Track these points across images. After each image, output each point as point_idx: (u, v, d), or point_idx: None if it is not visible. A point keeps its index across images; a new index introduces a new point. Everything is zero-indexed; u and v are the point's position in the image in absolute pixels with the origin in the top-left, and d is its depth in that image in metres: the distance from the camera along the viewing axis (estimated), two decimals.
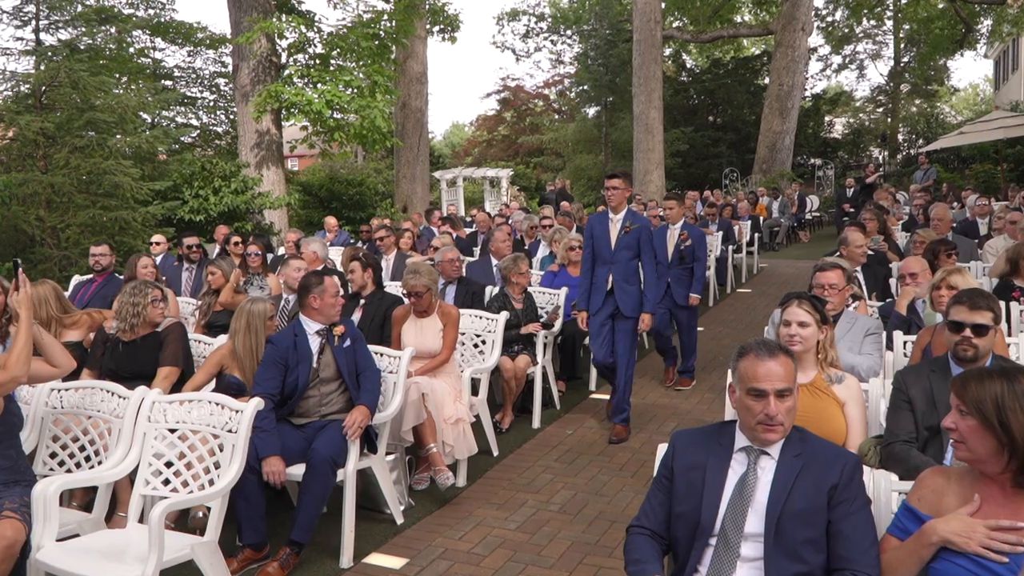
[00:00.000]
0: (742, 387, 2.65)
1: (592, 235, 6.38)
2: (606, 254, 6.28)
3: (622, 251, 6.23)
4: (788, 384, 2.61)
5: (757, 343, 2.73)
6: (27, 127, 12.81)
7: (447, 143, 50.84)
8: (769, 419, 2.56)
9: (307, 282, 4.76)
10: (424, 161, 21.33)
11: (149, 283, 5.39)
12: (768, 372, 2.61)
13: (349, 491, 4.43)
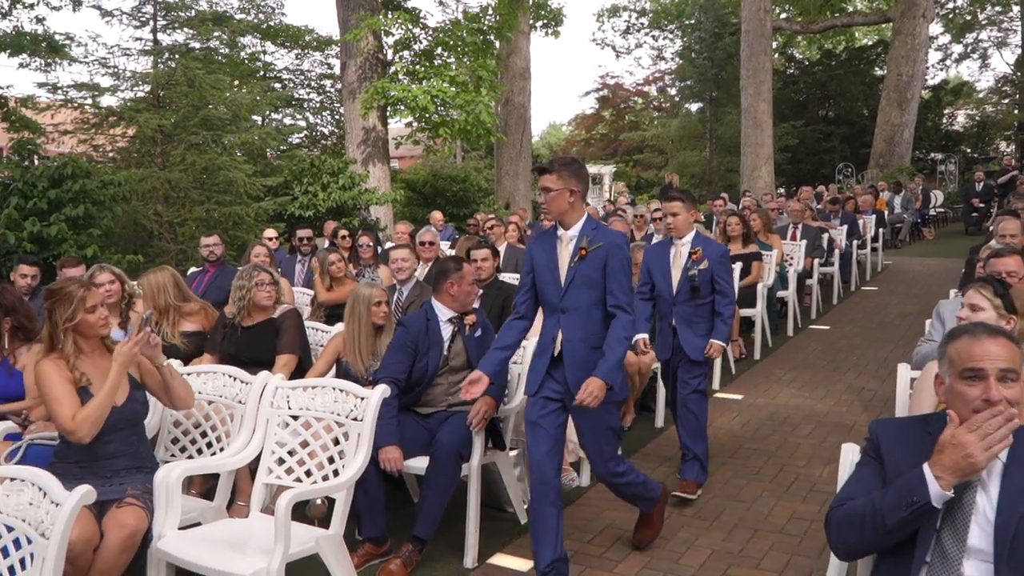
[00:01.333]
0: (953, 371, 2.24)
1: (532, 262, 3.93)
2: (550, 293, 3.80)
3: (578, 289, 3.71)
4: (1012, 365, 2.18)
5: (971, 324, 2.33)
6: (146, 125, 13.19)
7: (544, 143, 50.65)
8: (990, 405, 2.13)
9: (445, 267, 4.54)
10: (527, 157, 21.11)
11: (257, 267, 5.32)
12: (986, 351, 2.19)
13: (474, 486, 4.19)
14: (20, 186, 11.09)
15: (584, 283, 3.69)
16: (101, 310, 3.51)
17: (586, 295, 3.68)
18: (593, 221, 3.77)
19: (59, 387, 3.34)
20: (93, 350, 3.54)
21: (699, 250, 4.95)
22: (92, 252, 10.22)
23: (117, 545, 3.13)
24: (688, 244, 4.99)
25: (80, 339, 3.48)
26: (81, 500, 2.50)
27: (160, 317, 5.26)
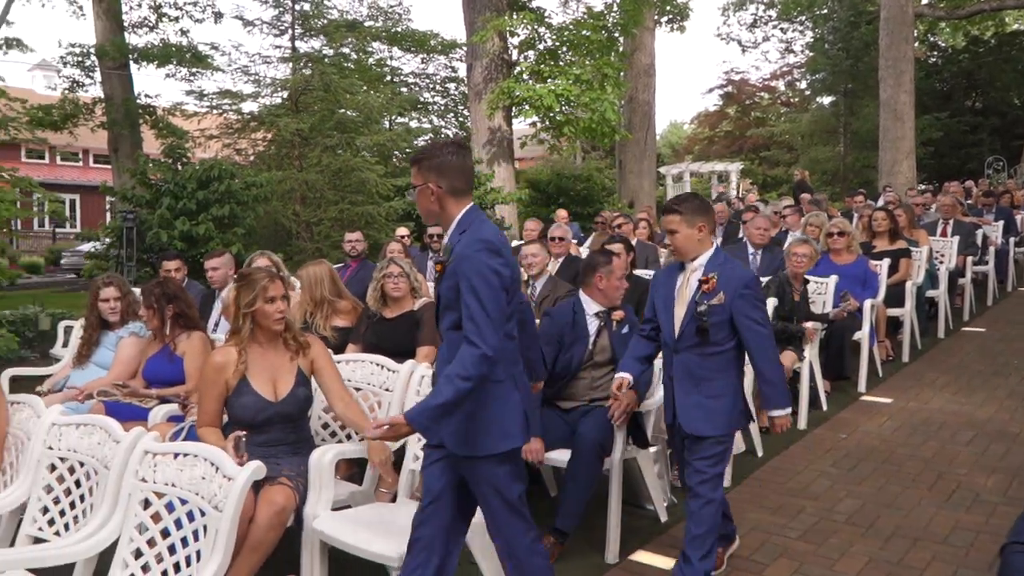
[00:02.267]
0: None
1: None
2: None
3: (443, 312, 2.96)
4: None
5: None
6: (285, 128, 13.76)
7: (665, 142, 49.92)
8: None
9: (594, 261, 4.50)
10: (651, 156, 20.84)
11: (390, 260, 5.44)
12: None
13: (615, 481, 4.12)
14: (171, 188, 11.78)
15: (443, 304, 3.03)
16: (281, 303, 3.61)
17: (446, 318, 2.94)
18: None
19: (207, 392, 3.56)
20: (268, 341, 3.65)
21: (712, 277, 3.44)
22: (236, 250, 10.72)
23: (266, 522, 3.22)
24: (700, 270, 3.51)
25: (257, 328, 3.61)
26: (252, 475, 2.60)
27: (315, 308, 5.44)
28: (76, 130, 19.74)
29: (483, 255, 2.73)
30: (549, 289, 6.30)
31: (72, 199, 31.67)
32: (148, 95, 20.41)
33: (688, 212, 3.47)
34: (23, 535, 3.23)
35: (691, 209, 3.49)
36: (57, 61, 20.59)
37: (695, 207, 3.51)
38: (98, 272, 12.20)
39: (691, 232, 3.46)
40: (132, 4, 19.52)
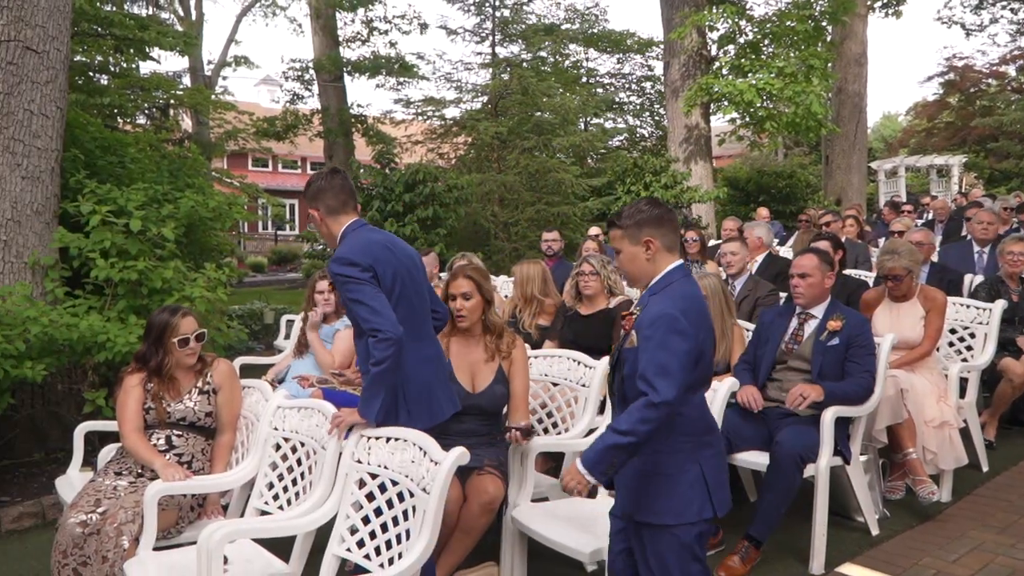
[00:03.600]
0: None
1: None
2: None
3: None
4: None
5: None
6: (484, 132, 14.19)
7: (877, 136, 46.82)
8: None
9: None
10: (861, 149, 19.59)
11: (584, 258, 5.48)
12: None
13: (821, 491, 3.93)
14: (381, 191, 12.49)
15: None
16: (460, 301, 3.76)
17: None
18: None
19: None
20: (468, 336, 3.82)
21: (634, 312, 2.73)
22: (439, 249, 11.19)
23: (478, 509, 3.36)
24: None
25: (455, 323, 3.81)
26: (457, 460, 2.71)
27: (524, 305, 5.59)
28: (296, 139, 21.41)
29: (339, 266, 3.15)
30: (749, 288, 6.11)
31: (291, 203, 34.27)
32: (360, 105, 21.80)
33: (630, 225, 2.68)
34: (251, 508, 3.54)
35: (635, 221, 2.67)
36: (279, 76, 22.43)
37: (641, 219, 2.67)
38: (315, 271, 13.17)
39: (635, 250, 2.68)
40: (346, 20, 20.90)
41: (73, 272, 5.90)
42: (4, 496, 4.89)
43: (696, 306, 2.59)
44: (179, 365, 3.77)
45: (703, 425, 2.67)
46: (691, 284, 2.66)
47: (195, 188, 7.53)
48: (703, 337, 2.57)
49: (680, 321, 2.49)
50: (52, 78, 5.86)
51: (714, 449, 2.68)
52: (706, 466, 2.61)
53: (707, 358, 2.62)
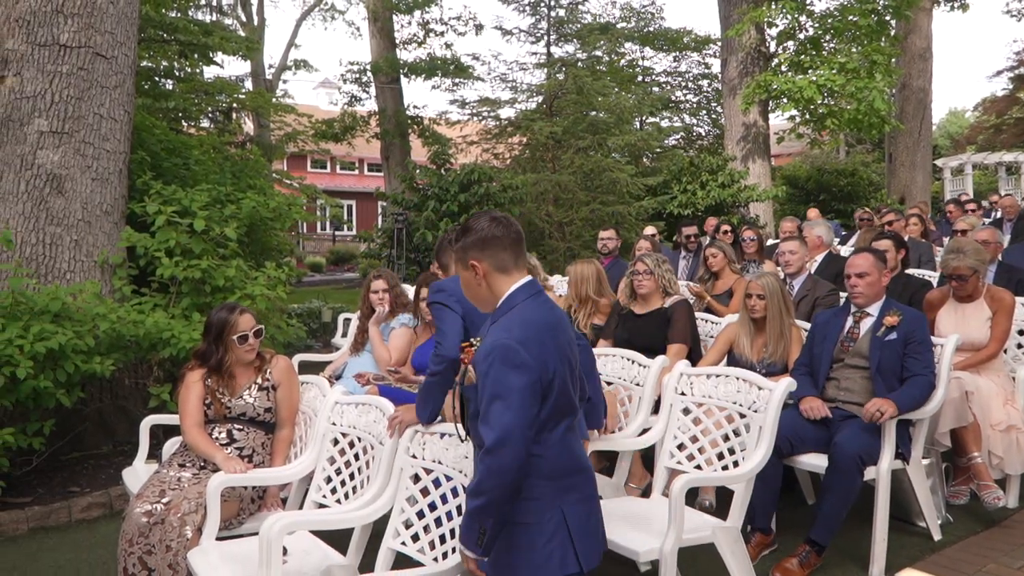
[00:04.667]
0: None
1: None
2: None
3: None
4: None
5: None
6: (539, 132, 14.21)
7: (943, 132, 45.54)
8: None
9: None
10: (926, 146, 19.08)
11: (639, 257, 5.47)
12: None
13: (882, 494, 3.84)
14: (436, 191, 12.60)
15: None
16: None
17: None
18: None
19: None
20: None
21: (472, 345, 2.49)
22: None
23: None
24: None
25: None
26: None
27: (579, 306, 5.60)
28: (353, 141, 21.71)
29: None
30: (808, 288, 6.01)
31: (349, 204, 34.75)
32: (416, 106, 22.01)
33: (457, 248, 2.49)
34: (309, 501, 3.61)
35: (460, 244, 2.47)
36: (338, 79, 22.77)
37: (465, 241, 2.43)
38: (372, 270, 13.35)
39: (467, 275, 2.46)
40: (403, 22, 21.12)
41: (139, 270, 6.09)
42: (74, 487, 5.07)
43: (539, 333, 2.27)
44: (238, 361, 3.86)
45: (566, 466, 2.31)
46: (537, 306, 2.33)
47: (256, 189, 7.72)
48: (553, 367, 2.25)
49: (517, 353, 2.20)
50: (120, 83, 6.06)
51: (581, 493, 2.34)
52: (570, 513, 2.29)
53: (560, 389, 2.28)
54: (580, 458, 2.38)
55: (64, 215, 5.71)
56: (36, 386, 4.65)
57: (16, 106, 5.69)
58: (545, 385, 2.24)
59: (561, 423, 2.31)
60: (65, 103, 5.75)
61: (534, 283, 2.38)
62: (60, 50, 5.75)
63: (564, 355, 2.31)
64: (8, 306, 4.86)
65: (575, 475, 2.34)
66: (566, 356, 2.32)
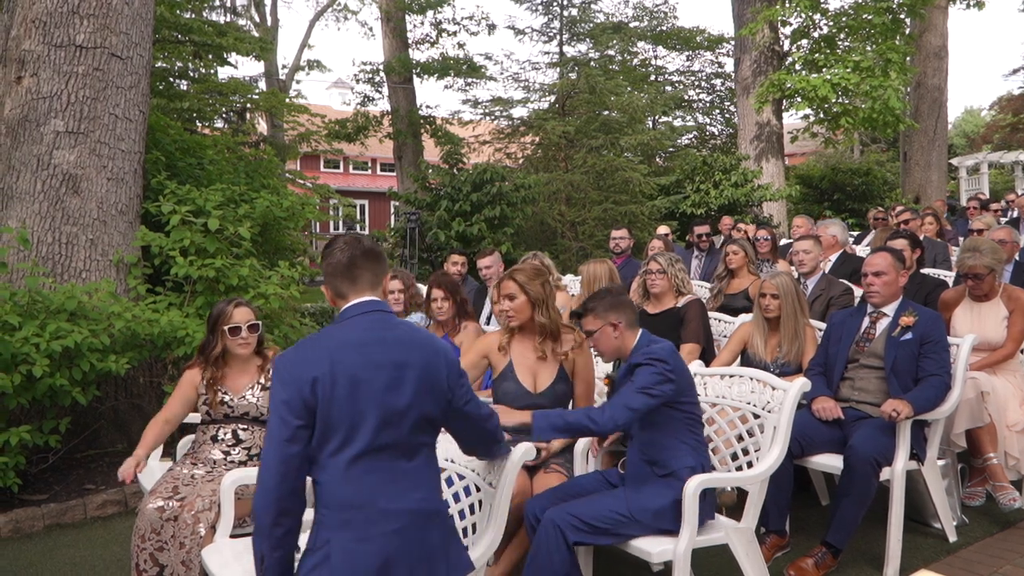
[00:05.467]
0: None
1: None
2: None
3: None
4: None
5: None
6: (552, 132, 14.21)
7: (959, 131, 45.24)
8: None
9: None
10: (941, 145, 18.95)
11: (652, 256, 5.46)
12: None
13: (897, 495, 3.82)
14: (449, 191, 12.62)
15: None
16: (505, 303, 3.77)
17: None
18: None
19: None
20: (531, 336, 3.81)
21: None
22: (506, 249, 11.25)
23: None
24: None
25: None
26: (523, 456, 2.73)
27: None
28: (366, 141, 21.75)
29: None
30: (822, 288, 5.98)
31: (362, 204, 34.81)
32: (429, 106, 22.06)
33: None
34: None
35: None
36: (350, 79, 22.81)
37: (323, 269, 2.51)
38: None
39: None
40: (416, 22, 21.14)
41: (154, 270, 6.13)
42: (89, 484, 5.11)
43: (307, 352, 2.20)
44: (232, 354, 3.85)
45: (346, 499, 2.14)
46: (352, 324, 2.27)
47: (270, 189, 7.75)
48: (323, 388, 2.12)
49: (279, 367, 2.19)
50: (135, 83, 6.10)
51: (358, 533, 2.12)
52: (336, 550, 2.11)
53: (340, 413, 2.14)
54: (368, 494, 2.14)
55: (80, 214, 5.75)
56: (52, 384, 4.68)
57: (33, 106, 5.73)
58: (308, 405, 2.11)
59: (345, 449, 2.13)
60: (81, 103, 5.79)
61: (369, 303, 2.30)
62: (76, 51, 5.79)
63: (357, 376, 2.15)
64: (25, 305, 4.90)
65: (354, 511, 2.13)
66: (361, 378, 2.15)
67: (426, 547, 2.18)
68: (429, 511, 2.21)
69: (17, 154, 5.71)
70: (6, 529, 4.58)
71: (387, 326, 2.27)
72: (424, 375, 2.22)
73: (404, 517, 2.15)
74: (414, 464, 2.20)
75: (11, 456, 4.59)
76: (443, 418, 2.32)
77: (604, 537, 3.12)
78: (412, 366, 2.21)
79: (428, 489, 2.24)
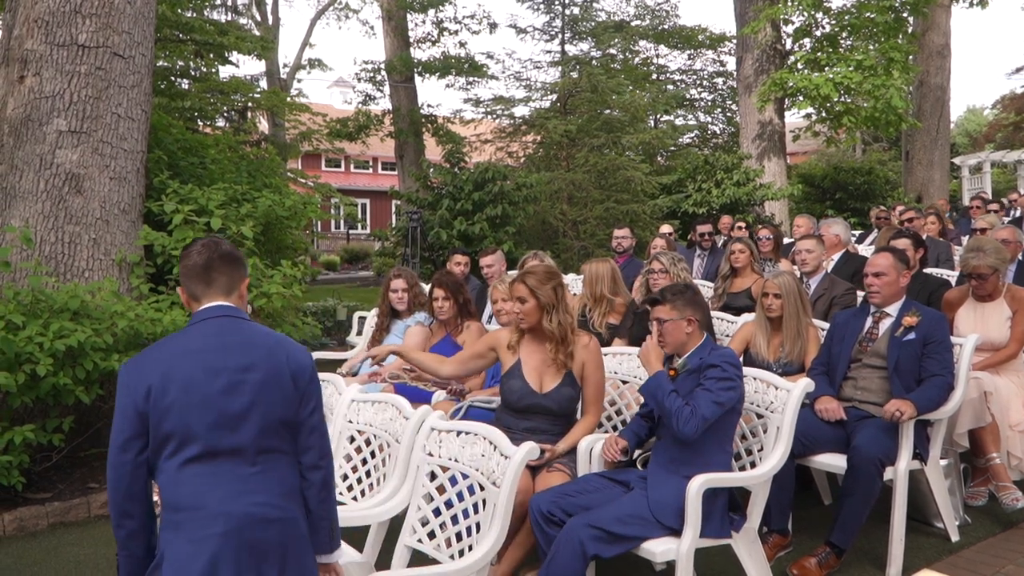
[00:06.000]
0: None
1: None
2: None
3: None
4: None
5: None
6: (553, 131, 14.20)
7: (961, 130, 45.19)
8: None
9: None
10: (944, 144, 18.93)
11: (655, 256, 5.46)
12: None
13: (900, 495, 3.82)
14: (451, 190, 12.62)
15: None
16: (515, 304, 3.77)
17: None
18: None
19: (472, 343, 3.87)
20: (541, 338, 3.79)
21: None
22: (507, 248, 11.24)
23: None
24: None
25: None
26: (527, 455, 2.73)
27: (594, 304, 5.57)
28: (367, 140, 21.76)
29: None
30: (825, 287, 5.98)
31: (363, 203, 34.83)
32: (430, 105, 22.03)
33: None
34: None
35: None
36: (352, 78, 22.81)
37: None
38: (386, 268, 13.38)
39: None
40: (417, 21, 21.15)
41: (157, 269, 6.13)
42: (93, 483, 5.11)
43: (146, 360, 2.25)
44: None
45: (178, 501, 2.17)
46: (186, 332, 2.31)
47: (272, 188, 7.74)
48: (157, 394, 2.17)
49: (121, 374, 2.24)
50: (138, 82, 6.09)
51: (191, 535, 2.14)
52: (169, 552, 2.15)
53: (175, 417, 2.17)
54: (200, 497, 2.16)
55: (83, 214, 5.75)
56: (56, 383, 4.68)
57: (35, 106, 5.73)
58: (141, 413, 2.16)
59: (179, 453, 2.17)
60: (83, 103, 5.79)
61: (219, 308, 2.33)
62: (78, 50, 5.79)
63: (191, 383, 2.18)
64: (28, 304, 4.90)
65: (187, 513, 2.16)
66: (195, 385, 2.18)
67: (257, 552, 2.16)
68: (268, 517, 2.19)
69: (20, 153, 5.71)
70: (10, 527, 4.58)
71: (233, 331, 2.28)
72: (268, 379, 2.22)
73: (234, 520, 2.14)
74: (256, 469, 2.21)
75: (15, 455, 4.59)
76: (297, 424, 2.30)
77: (623, 544, 3.11)
78: (255, 369, 2.21)
79: (270, 495, 2.21)
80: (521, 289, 3.76)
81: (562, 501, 3.23)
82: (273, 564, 2.19)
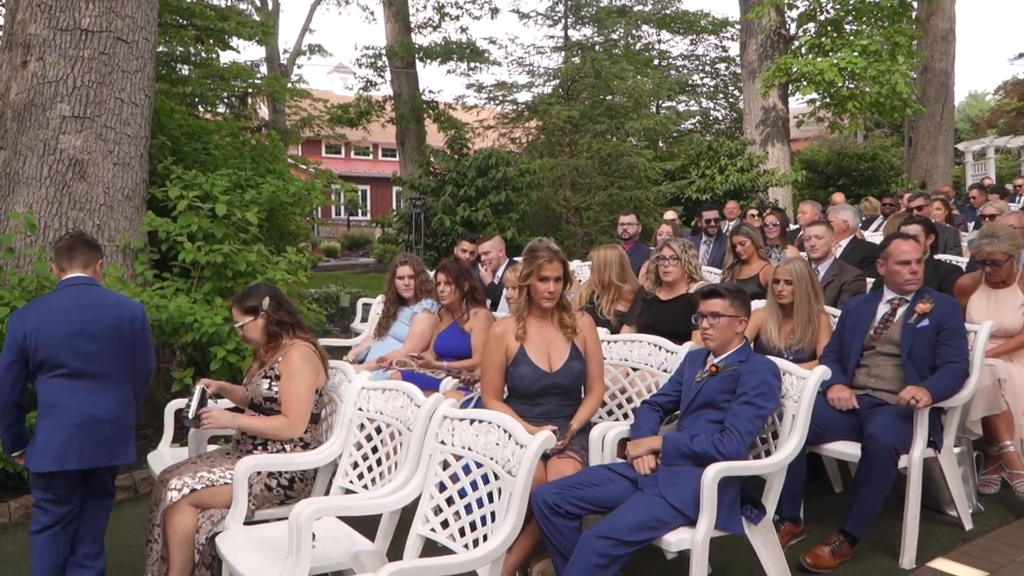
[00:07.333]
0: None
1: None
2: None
3: None
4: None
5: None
6: (556, 116, 14.12)
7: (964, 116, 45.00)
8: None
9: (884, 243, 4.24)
10: (948, 130, 18.84)
11: (665, 242, 5.41)
12: None
13: (914, 483, 3.78)
14: (453, 176, 12.56)
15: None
16: (553, 284, 3.68)
17: None
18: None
19: (490, 364, 3.74)
20: (543, 316, 3.75)
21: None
22: (511, 234, 11.19)
23: None
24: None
25: (532, 301, 3.74)
26: (544, 443, 2.69)
27: (602, 291, 5.52)
28: (368, 126, 21.65)
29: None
30: (834, 273, 5.93)
31: (363, 189, 34.70)
32: (432, 91, 21.91)
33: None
34: (336, 487, 3.58)
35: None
36: (352, 63, 22.70)
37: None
38: (389, 255, 13.35)
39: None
40: (418, 6, 21.01)
41: (161, 255, 6.09)
42: None
43: (27, 313, 3.39)
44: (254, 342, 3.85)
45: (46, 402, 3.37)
46: (56, 293, 3.46)
47: (276, 174, 7.69)
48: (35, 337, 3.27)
49: (11, 319, 3.42)
50: (141, 67, 6.04)
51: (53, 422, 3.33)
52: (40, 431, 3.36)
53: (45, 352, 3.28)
54: (61, 400, 3.31)
55: (86, 200, 5.71)
56: None
57: (38, 91, 5.67)
58: (21, 348, 3.26)
59: (50, 373, 3.30)
60: (87, 88, 5.73)
61: (79, 278, 3.44)
62: (81, 35, 5.73)
63: (56, 329, 3.28)
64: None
65: (52, 409, 3.30)
66: (60, 330, 3.28)
67: (95, 438, 3.32)
68: (103, 417, 3.34)
69: (23, 139, 5.67)
70: (17, 514, 4.57)
71: (88, 294, 3.42)
72: (109, 328, 3.36)
73: (81, 416, 3.30)
74: (101, 386, 3.36)
75: None
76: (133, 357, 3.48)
77: (638, 544, 3.04)
78: (100, 322, 3.35)
79: (107, 404, 3.37)
80: (559, 268, 3.70)
81: (568, 493, 3.17)
82: (104, 447, 3.35)
